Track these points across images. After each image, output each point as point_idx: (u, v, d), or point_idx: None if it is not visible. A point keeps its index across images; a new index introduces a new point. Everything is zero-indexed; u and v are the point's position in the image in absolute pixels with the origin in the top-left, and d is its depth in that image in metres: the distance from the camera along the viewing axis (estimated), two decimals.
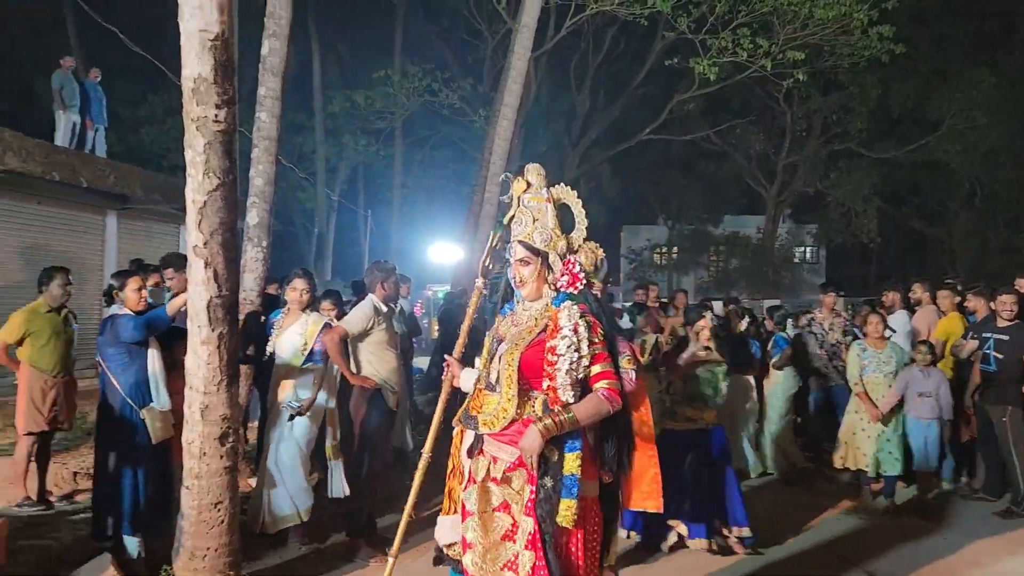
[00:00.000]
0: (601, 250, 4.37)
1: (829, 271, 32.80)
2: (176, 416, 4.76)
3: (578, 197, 3.19)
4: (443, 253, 22.31)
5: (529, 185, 3.02)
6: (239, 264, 4.06)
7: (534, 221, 2.98)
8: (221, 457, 4.03)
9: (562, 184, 3.12)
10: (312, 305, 5.44)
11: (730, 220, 30.26)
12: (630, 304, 8.73)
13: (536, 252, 2.96)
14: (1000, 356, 6.38)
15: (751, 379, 7.50)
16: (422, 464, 3.19)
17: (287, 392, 5.15)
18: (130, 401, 4.67)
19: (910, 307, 8.10)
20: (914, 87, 22.21)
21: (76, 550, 4.66)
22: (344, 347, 5.08)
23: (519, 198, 3.01)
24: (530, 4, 10.82)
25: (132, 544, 4.65)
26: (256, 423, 7.11)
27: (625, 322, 7.52)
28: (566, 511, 2.68)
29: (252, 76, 7.50)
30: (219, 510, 4.02)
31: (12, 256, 10.57)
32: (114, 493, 4.65)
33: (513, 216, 3.01)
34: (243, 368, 6.52)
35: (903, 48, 17.13)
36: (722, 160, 27.25)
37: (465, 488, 2.92)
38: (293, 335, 5.21)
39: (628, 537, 5.15)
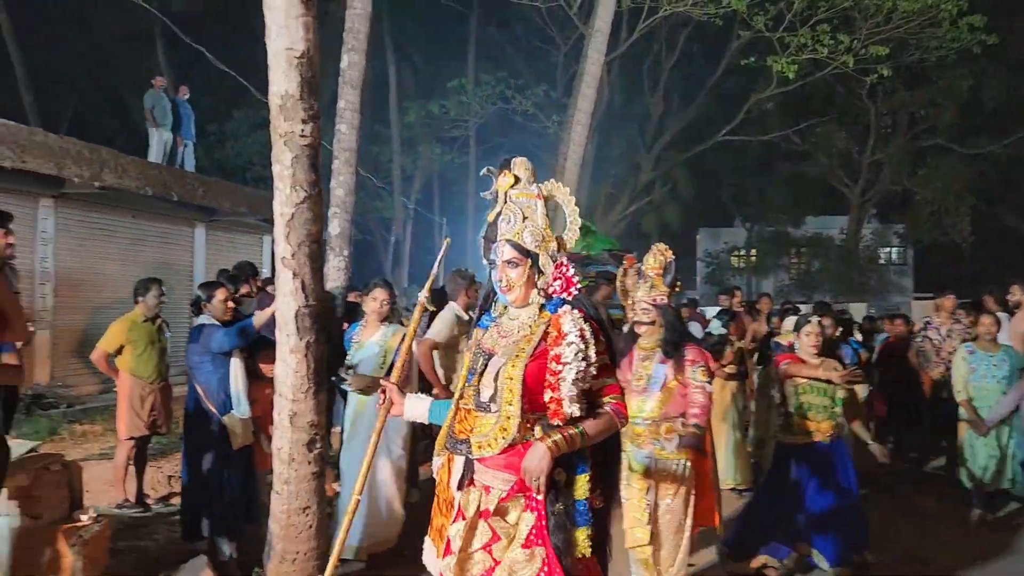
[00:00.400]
0: (670, 252, 4.28)
1: (918, 273, 31.57)
2: (255, 423, 4.92)
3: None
4: None
5: (517, 180, 2.66)
6: (323, 275, 4.16)
7: (523, 219, 2.61)
8: (309, 463, 4.13)
9: (553, 180, 2.77)
10: (392, 316, 5.23)
11: (812, 221, 29.43)
12: (719, 310, 8.52)
13: (526, 253, 2.58)
14: None
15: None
16: (351, 507, 2.68)
17: (367, 409, 4.95)
18: (213, 408, 4.83)
19: (1008, 310, 7.72)
20: (1007, 78, 21.20)
21: (172, 551, 4.86)
22: (432, 357, 5.15)
23: (505, 194, 2.65)
24: (603, 8, 10.77)
25: (224, 546, 4.81)
26: (339, 429, 7.27)
27: (716, 327, 7.29)
28: (584, 541, 2.44)
29: (331, 89, 7.69)
30: (307, 515, 4.12)
31: (109, 267, 11.11)
32: (202, 497, 4.82)
33: (499, 213, 2.64)
34: None
35: (995, 38, 16.39)
36: (803, 160, 26.53)
37: (453, 522, 2.54)
38: (372, 348, 5.01)
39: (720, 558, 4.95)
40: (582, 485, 2.47)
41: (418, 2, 23.91)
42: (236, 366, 4.91)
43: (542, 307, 2.56)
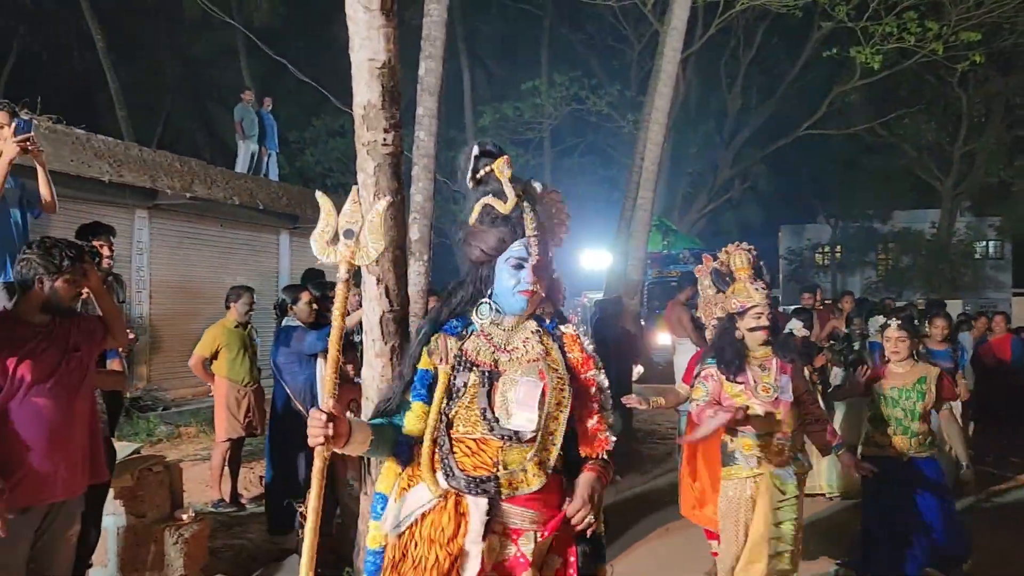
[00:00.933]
0: (753, 247, 4.02)
1: (1016, 267, 30.06)
2: None
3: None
4: (595, 260, 22.27)
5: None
6: (407, 279, 4.23)
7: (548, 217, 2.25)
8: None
9: (532, 179, 2.34)
10: None
11: (900, 215, 28.37)
12: (794, 308, 8.21)
13: (550, 256, 2.21)
14: None
15: None
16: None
17: None
18: (299, 405, 4.97)
19: None
20: None
21: (266, 549, 5.02)
22: None
23: (522, 185, 2.24)
24: (679, 6, 10.62)
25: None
26: None
27: (796, 326, 6.90)
28: None
29: (409, 96, 7.80)
30: None
31: (200, 274, 11.55)
32: (287, 492, 4.96)
33: (516, 205, 2.16)
34: None
35: None
36: (889, 153, 25.60)
37: None
38: None
39: None
40: (600, 519, 2.19)
41: (491, 5, 24.08)
42: (321, 366, 5.04)
43: (538, 321, 2.23)
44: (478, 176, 2.23)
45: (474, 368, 2.11)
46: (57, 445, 3.05)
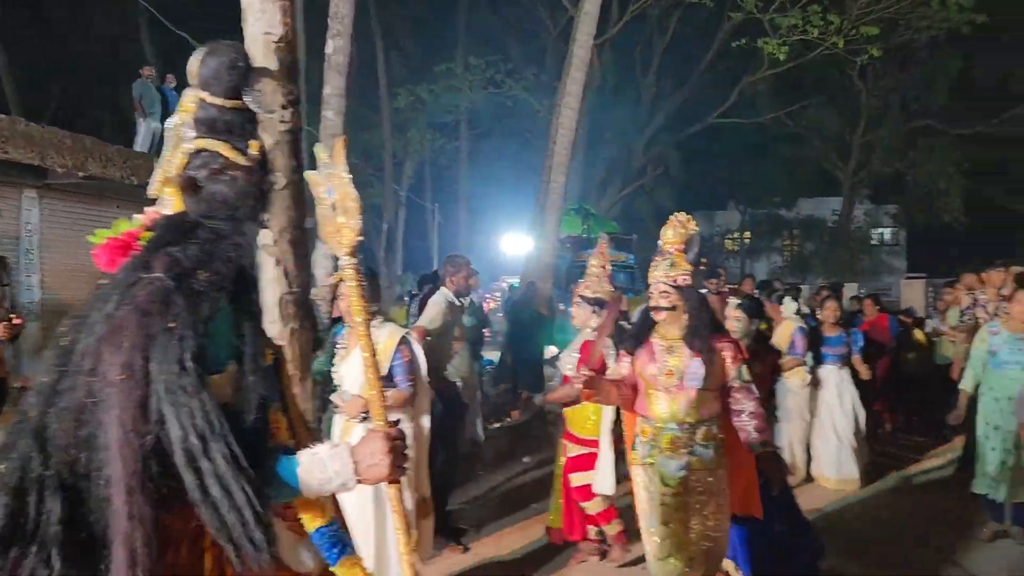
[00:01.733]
0: (693, 223, 3.60)
1: (911, 253, 31.65)
2: None
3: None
4: (515, 244, 22.36)
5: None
6: (308, 261, 4.13)
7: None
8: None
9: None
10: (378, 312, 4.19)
11: (805, 203, 29.46)
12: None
13: None
14: None
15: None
16: None
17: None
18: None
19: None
20: (998, 58, 21.19)
21: None
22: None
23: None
24: None
25: None
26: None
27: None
28: None
29: (318, 75, 7.63)
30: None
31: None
32: None
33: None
34: None
35: (984, 18, 16.37)
36: (795, 142, 26.53)
37: None
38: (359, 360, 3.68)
39: None
40: None
41: None
42: None
43: None
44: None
45: None
46: None
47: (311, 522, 1.78)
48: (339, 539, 1.83)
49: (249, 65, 1.69)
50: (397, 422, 1.76)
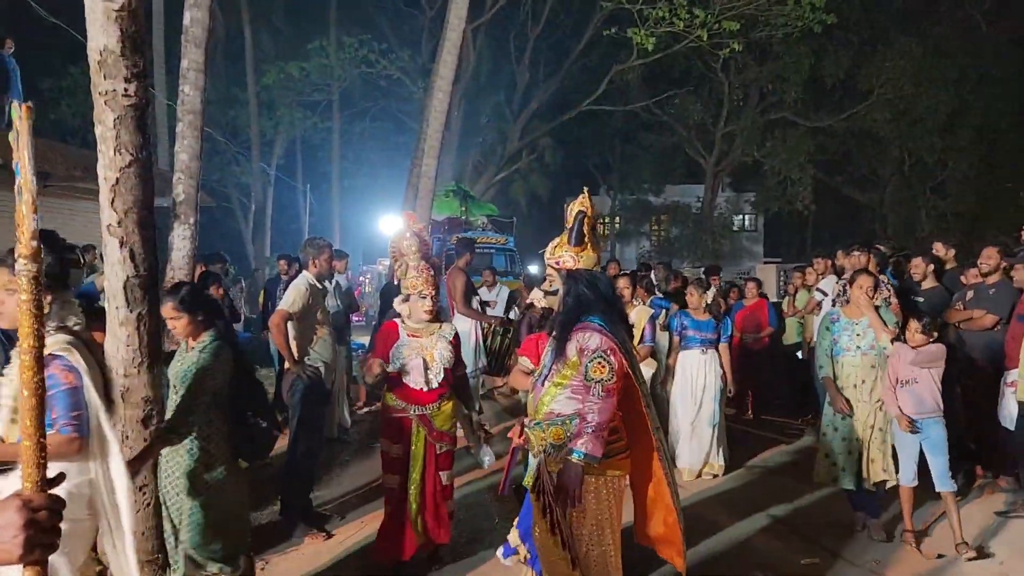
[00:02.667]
0: (588, 199, 3.28)
1: (767, 239, 33.46)
2: None
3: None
4: (392, 226, 22.09)
5: None
6: (156, 243, 3.94)
7: None
8: (145, 440, 3.94)
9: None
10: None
11: (671, 190, 30.57)
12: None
13: None
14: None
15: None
16: None
17: None
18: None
19: (837, 273, 8.29)
20: (846, 57, 22.68)
21: None
22: (286, 329, 5.00)
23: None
24: None
25: None
26: None
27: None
28: None
29: (178, 48, 7.25)
30: (144, 493, 3.94)
31: None
32: None
33: None
34: None
35: (834, 18, 17.49)
36: (662, 130, 27.48)
37: None
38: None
39: None
40: None
41: None
42: None
43: None
44: None
45: None
46: None
47: None
48: None
49: None
50: (57, 478, 1.36)
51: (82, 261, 5.57)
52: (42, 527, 1.28)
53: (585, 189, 3.37)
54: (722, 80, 24.32)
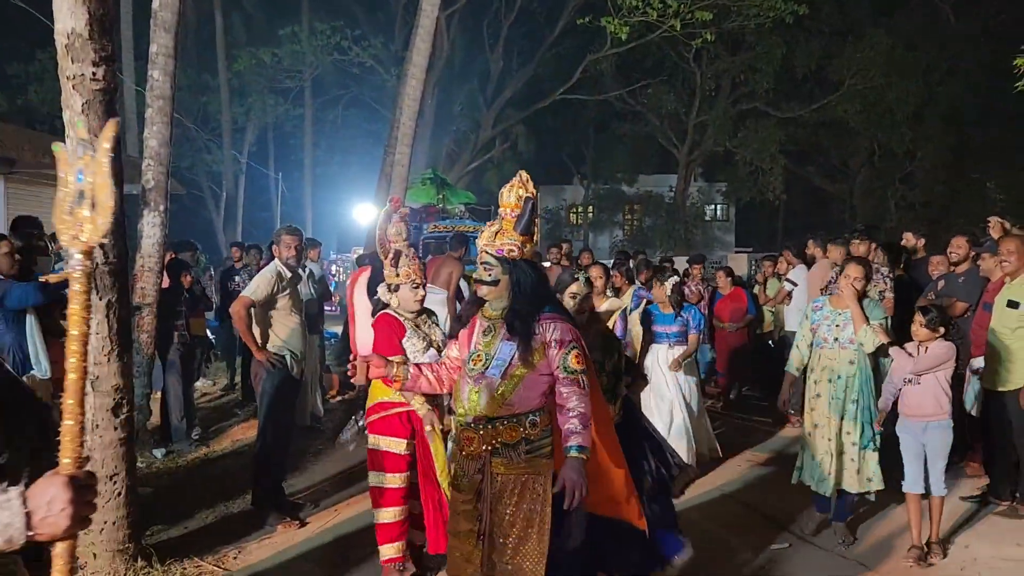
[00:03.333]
0: (531, 185, 3.15)
1: (738, 228, 33.74)
2: (56, 385, 4.61)
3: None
4: (367, 215, 21.96)
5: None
6: (126, 230, 3.91)
7: None
8: (115, 429, 3.93)
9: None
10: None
11: (644, 180, 30.69)
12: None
13: None
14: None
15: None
16: None
17: None
18: (8, 368, 4.47)
19: (807, 262, 8.38)
20: (817, 48, 22.89)
21: None
22: (249, 316, 4.97)
23: None
24: None
25: None
26: (159, 393, 6.95)
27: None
28: None
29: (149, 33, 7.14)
30: (115, 483, 3.93)
31: None
32: None
33: None
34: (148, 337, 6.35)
35: (805, 9, 17.64)
36: (635, 120, 27.56)
37: None
38: None
39: None
40: None
41: None
42: (32, 323, 4.56)
43: None
44: None
45: None
46: None
47: None
48: None
49: None
50: (87, 458, 1.49)
51: (49, 248, 5.49)
52: (85, 501, 1.40)
53: (521, 173, 3.14)
54: (695, 70, 24.44)
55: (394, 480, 3.97)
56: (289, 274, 5.16)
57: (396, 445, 3.97)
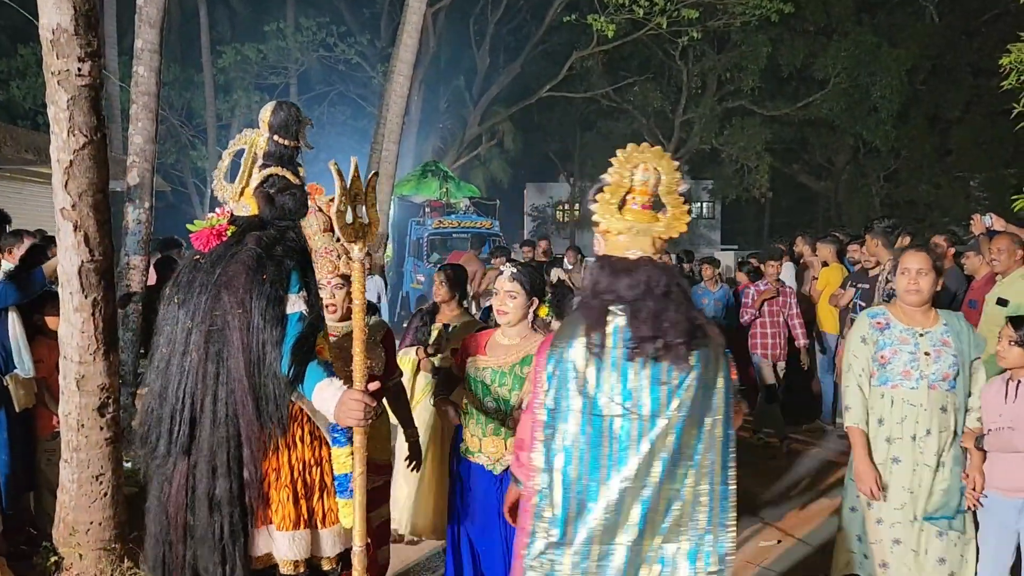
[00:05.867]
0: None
1: (724, 225, 33.86)
2: (41, 385, 4.56)
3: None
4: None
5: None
6: (111, 227, 3.87)
7: None
8: (101, 428, 3.89)
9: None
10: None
11: None
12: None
13: None
14: (863, 304, 6.09)
15: None
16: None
17: None
18: None
19: (795, 260, 8.42)
20: (802, 46, 22.97)
21: None
22: None
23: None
24: None
25: None
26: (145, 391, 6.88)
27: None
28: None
29: (132, 29, 7.09)
30: (101, 483, 3.89)
31: None
32: None
33: None
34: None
35: (791, 8, 17.71)
36: (622, 118, 27.57)
37: None
38: None
39: None
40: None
41: None
42: (13, 321, 4.49)
43: None
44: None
45: None
46: None
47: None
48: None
49: (302, 118, 2.61)
50: (379, 391, 2.43)
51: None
52: (370, 407, 2.27)
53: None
54: (681, 68, 24.47)
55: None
56: None
57: None
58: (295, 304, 2.36)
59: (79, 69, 3.50)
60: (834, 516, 4.11)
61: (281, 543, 2.40)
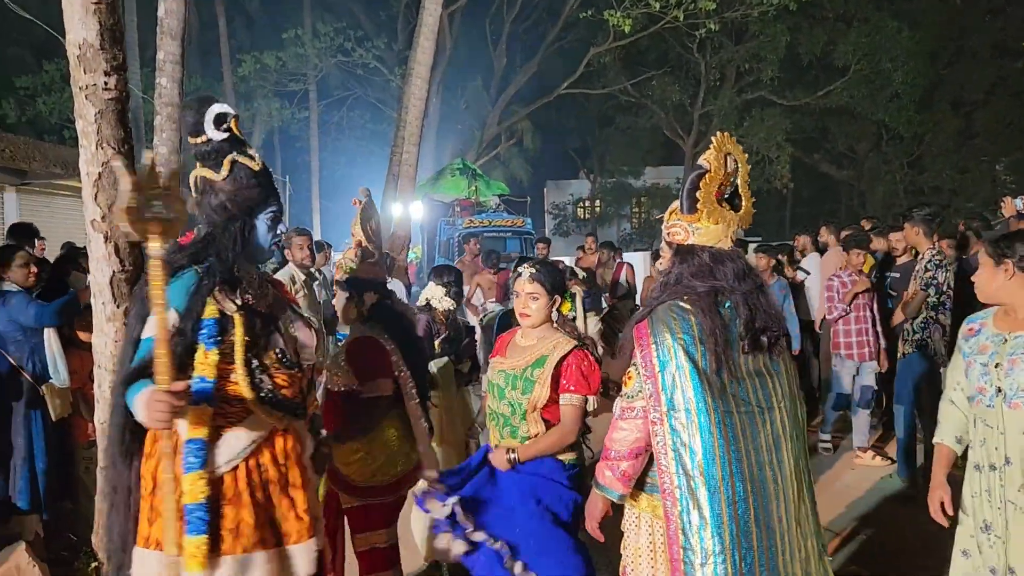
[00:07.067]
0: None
1: None
2: (76, 395, 4.66)
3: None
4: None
5: None
6: None
7: None
8: None
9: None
10: None
11: (650, 172, 30.60)
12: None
13: None
14: (894, 294, 6.12)
15: None
16: None
17: None
18: (28, 377, 4.52)
19: (820, 250, 8.34)
20: (821, 34, 22.75)
21: None
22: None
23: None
24: None
25: (35, 524, 4.55)
26: None
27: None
28: None
29: (155, 41, 7.20)
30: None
31: None
32: (7, 472, 4.52)
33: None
34: None
35: None
36: (640, 112, 27.47)
37: None
38: None
39: None
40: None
41: None
42: (49, 332, 4.59)
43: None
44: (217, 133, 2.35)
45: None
46: None
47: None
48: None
49: (204, 109, 2.31)
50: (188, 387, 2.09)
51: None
52: (176, 406, 2.04)
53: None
54: (699, 61, 24.34)
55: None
56: (303, 276, 5.20)
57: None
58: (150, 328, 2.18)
59: (106, 83, 3.56)
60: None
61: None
